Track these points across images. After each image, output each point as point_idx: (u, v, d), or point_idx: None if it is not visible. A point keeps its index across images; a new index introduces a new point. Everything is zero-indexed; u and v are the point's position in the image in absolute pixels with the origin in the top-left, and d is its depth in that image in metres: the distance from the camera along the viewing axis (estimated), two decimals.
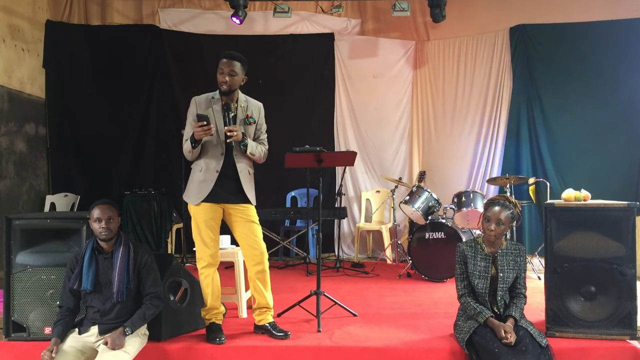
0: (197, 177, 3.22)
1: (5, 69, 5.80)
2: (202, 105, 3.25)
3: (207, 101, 3.27)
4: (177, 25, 6.97)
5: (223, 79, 3.18)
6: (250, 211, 3.29)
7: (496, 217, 2.98)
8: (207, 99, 3.28)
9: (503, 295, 3.01)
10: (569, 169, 6.16)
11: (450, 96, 6.86)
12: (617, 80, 6.00)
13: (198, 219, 3.21)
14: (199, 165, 3.24)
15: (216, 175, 3.18)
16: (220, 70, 3.19)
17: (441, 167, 6.87)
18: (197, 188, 3.20)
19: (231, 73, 3.18)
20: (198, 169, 3.23)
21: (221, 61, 3.21)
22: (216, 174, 3.19)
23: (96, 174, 6.66)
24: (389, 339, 3.21)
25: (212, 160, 3.20)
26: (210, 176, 3.19)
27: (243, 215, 3.26)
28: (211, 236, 3.22)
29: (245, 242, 3.28)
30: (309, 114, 6.92)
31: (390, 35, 7.03)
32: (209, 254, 3.22)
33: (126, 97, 6.76)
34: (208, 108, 3.23)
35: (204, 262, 3.24)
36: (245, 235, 3.27)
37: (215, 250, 3.26)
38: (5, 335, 3.15)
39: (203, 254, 3.23)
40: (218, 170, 3.19)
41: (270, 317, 3.33)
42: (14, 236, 3.14)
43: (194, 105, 3.26)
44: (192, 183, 3.26)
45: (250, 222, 3.28)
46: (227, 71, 3.18)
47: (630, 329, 3.11)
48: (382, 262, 6.22)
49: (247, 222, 3.27)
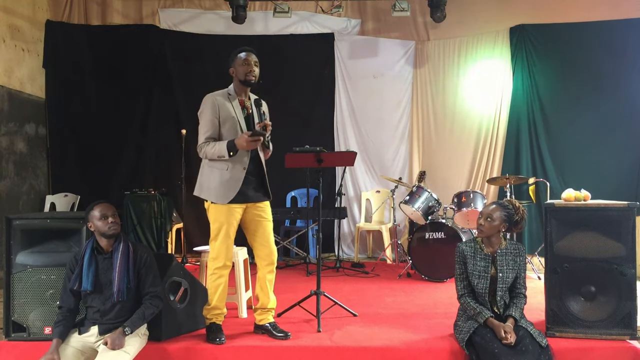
0: (221, 175, 3.16)
1: (5, 69, 5.80)
2: (222, 103, 3.18)
3: (225, 98, 3.21)
4: (177, 25, 6.97)
5: (251, 70, 3.17)
6: (267, 209, 3.31)
7: (487, 213, 3.00)
8: (224, 96, 3.22)
9: (503, 295, 3.02)
10: (569, 169, 6.15)
11: (450, 96, 6.87)
12: (617, 80, 5.99)
13: (220, 220, 3.16)
14: (222, 164, 3.16)
15: (244, 173, 3.17)
16: (245, 62, 3.18)
17: (441, 167, 6.87)
18: (224, 187, 3.14)
19: (256, 64, 3.20)
20: (223, 167, 3.16)
21: (239, 56, 3.20)
22: (244, 172, 3.17)
23: (96, 174, 6.65)
24: (389, 339, 3.21)
25: (238, 158, 3.15)
26: (238, 174, 3.16)
27: (262, 214, 3.27)
28: (231, 238, 3.20)
29: (260, 241, 3.28)
30: (309, 114, 6.92)
31: (390, 35, 7.03)
32: (226, 256, 3.20)
33: (126, 97, 6.75)
34: (227, 104, 3.18)
35: (219, 263, 3.20)
36: (260, 234, 3.27)
37: (231, 252, 3.25)
38: (5, 335, 3.15)
39: (220, 254, 3.19)
40: (245, 167, 3.18)
41: (271, 317, 3.33)
42: (14, 236, 3.14)
43: (213, 103, 3.17)
44: (214, 182, 3.17)
45: (266, 221, 3.29)
46: (253, 62, 3.19)
47: (630, 329, 3.11)
48: (382, 262, 6.22)
49: (264, 220, 3.27)
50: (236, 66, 3.22)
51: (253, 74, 3.19)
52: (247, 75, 3.18)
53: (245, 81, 3.20)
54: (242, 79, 3.20)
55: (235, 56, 3.23)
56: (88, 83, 6.73)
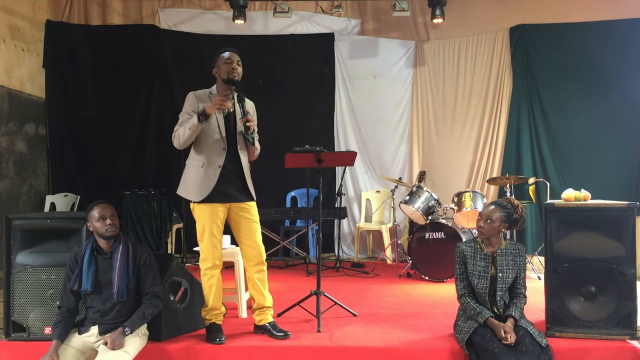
0: (196, 173, 3.18)
1: (5, 69, 5.80)
2: (202, 99, 3.21)
3: (206, 96, 3.24)
4: (177, 25, 6.97)
5: (234, 68, 3.17)
6: (253, 210, 3.29)
7: (486, 214, 3.00)
8: (206, 94, 3.26)
9: (503, 295, 3.01)
10: (569, 169, 6.15)
11: (450, 96, 6.86)
12: (617, 80, 5.98)
13: (204, 220, 3.18)
14: (197, 161, 3.19)
15: (219, 171, 3.16)
16: (228, 61, 3.18)
17: (441, 167, 6.87)
18: (198, 184, 3.16)
19: (239, 63, 3.21)
20: (198, 164, 3.19)
21: (222, 56, 3.21)
22: (219, 169, 3.16)
23: (96, 173, 6.66)
24: (389, 339, 3.21)
25: (213, 156, 3.17)
26: (213, 172, 3.16)
27: (247, 215, 3.26)
28: (217, 237, 3.20)
29: (246, 242, 3.28)
30: (309, 114, 6.92)
31: (390, 35, 7.03)
32: (214, 255, 3.21)
33: (126, 97, 6.75)
34: (207, 102, 3.17)
35: (208, 264, 3.22)
36: (246, 235, 3.27)
37: (219, 251, 3.25)
38: (5, 335, 3.15)
39: (207, 255, 3.21)
40: (220, 165, 3.17)
41: (270, 316, 3.33)
42: (14, 236, 3.14)
43: (193, 98, 3.21)
44: (189, 179, 3.21)
45: (252, 222, 3.28)
46: (235, 61, 3.20)
47: (630, 329, 3.11)
48: (382, 262, 6.23)
49: (249, 221, 3.26)
50: (219, 65, 3.22)
51: (236, 71, 3.19)
52: (230, 73, 3.18)
53: (228, 79, 3.19)
54: (224, 77, 3.20)
55: (218, 56, 3.24)
56: (88, 83, 6.72)
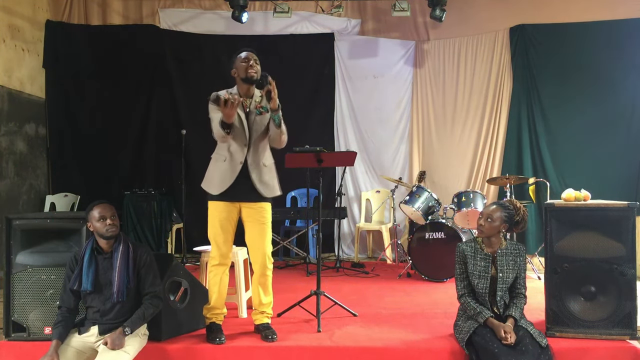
0: (220, 166, 3.19)
1: (5, 69, 5.80)
2: None
3: None
4: (177, 25, 6.97)
5: (251, 66, 3.16)
6: (265, 212, 3.26)
7: (487, 213, 3.00)
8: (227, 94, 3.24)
9: (503, 295, 3.02)
10: (569, 169, 6.15)
11: (450, 96, 6.86)
12: (617, 80, 5.99)
13: (214, 218, 3.20)
14: (221, 155, 3.20)
15: (240, 167, 3.17)
16: (246, 60, 3.17)
17: (441, 167, 6.87)
18: (219, 177, 3.17)
19: (256, 61, 3.20)
20: (221, 158, 3.20)
21: (239, 56, 3.20)
22: (240, 165, 3.17)
23: (96, 174, 6.66)
24: (389, 339, 3.21)
25: (236, 151, 3.18)
26: (235, 167, 3.16)
27: (257, 216, 3.24)
28: (225, 236, 3.20)
29: (251, 244, 3.28)
30: (309, 114, 6.91)
31: (390, 35, 7.03)
32: (221, 253, 3.22)
33: (126, 97, 6.75)
34: None
35: (215, 261, 3.23)
36: (254, 237, 3.26)
37: (227, 250, 3.25)
38: (5, 335, 3.14)
39: (215, 252, 3.23)
40: (242, 161, 3.17)
41: (265, 318, 3.33)
42: (14, 236, 3.14)
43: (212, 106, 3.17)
44: (214, 172, 3.21)
45: (262, 224, 3.25)
46: (253, 59, 3.19)
47: (630, 329, 3.11)
48: (382, 262, 6.22)
49: (259, 224, 3.24)
50: (237, 65, 3.22)
51: (254, 69, 3.18)
52: (248, 70, 3.17)
53: (246, 78, 3.19)
54: (243, 76, 3.20)
55: (236, 56, 3.24)
56: (88, 83, 6.73)
